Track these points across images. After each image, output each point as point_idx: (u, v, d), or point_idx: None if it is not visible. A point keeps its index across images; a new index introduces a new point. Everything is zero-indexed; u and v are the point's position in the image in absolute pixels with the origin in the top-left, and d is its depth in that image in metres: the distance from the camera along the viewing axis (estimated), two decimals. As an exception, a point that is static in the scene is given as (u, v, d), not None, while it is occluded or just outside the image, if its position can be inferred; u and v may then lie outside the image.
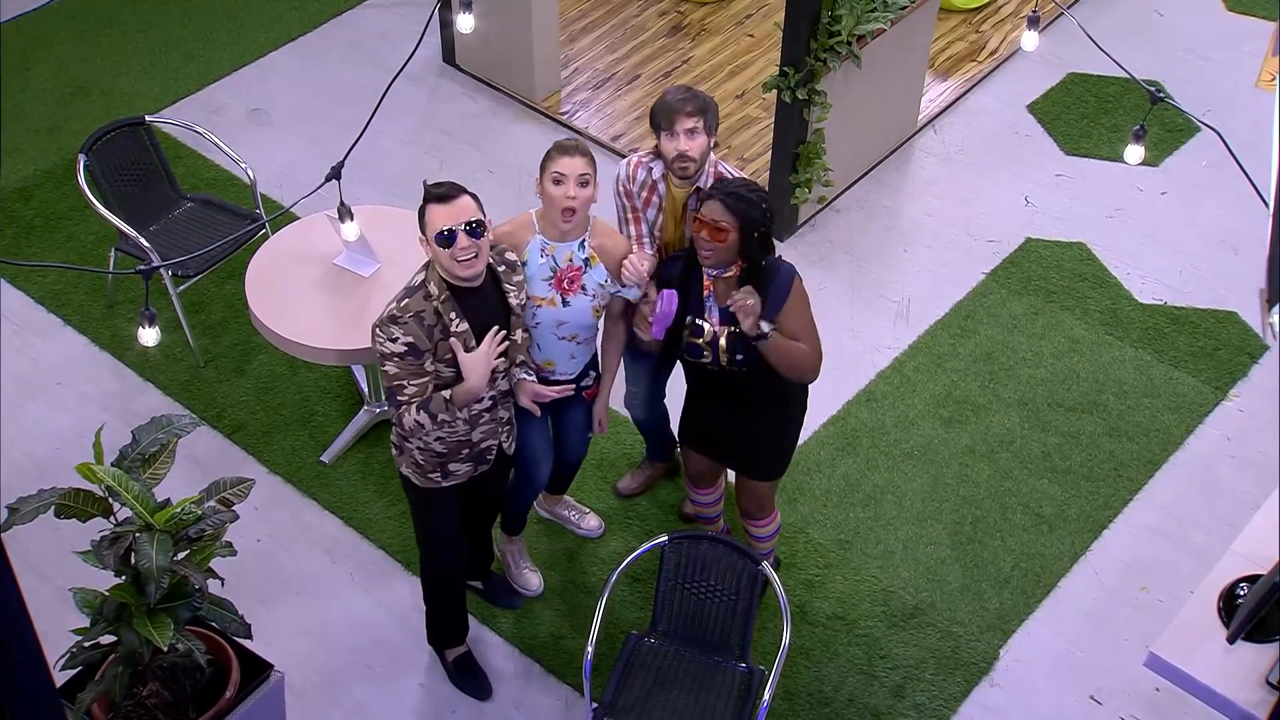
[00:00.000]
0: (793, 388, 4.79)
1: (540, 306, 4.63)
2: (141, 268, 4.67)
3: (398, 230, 5.52)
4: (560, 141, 4.57)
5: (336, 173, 4.79)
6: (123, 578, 4.14)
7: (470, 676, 5.19)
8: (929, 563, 5.62)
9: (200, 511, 4.14)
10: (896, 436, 6.05)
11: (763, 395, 4.78)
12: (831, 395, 6.12)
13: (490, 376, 4.36)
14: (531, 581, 5.44)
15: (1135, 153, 5.20)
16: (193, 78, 7.73)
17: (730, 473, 5.21)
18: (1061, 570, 5.62)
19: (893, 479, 5.90)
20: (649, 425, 5.59)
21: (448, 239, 4.19)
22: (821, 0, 6.21)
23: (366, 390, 6.00)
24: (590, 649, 4.67)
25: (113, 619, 4.16)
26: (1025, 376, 6.30)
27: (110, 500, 4.16)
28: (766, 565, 4.69)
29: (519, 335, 4.51)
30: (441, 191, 4.24)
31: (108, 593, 4.16)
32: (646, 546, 4.82)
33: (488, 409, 4.51)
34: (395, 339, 4.23)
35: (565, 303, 4.64)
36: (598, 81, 7.72)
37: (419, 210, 4.29)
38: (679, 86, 4.83)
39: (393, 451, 4.68)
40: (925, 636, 5.39)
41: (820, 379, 4.74)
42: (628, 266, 4.68)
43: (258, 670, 4.66)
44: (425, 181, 4.39)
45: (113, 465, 4.16)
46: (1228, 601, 4.37)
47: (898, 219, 7.05)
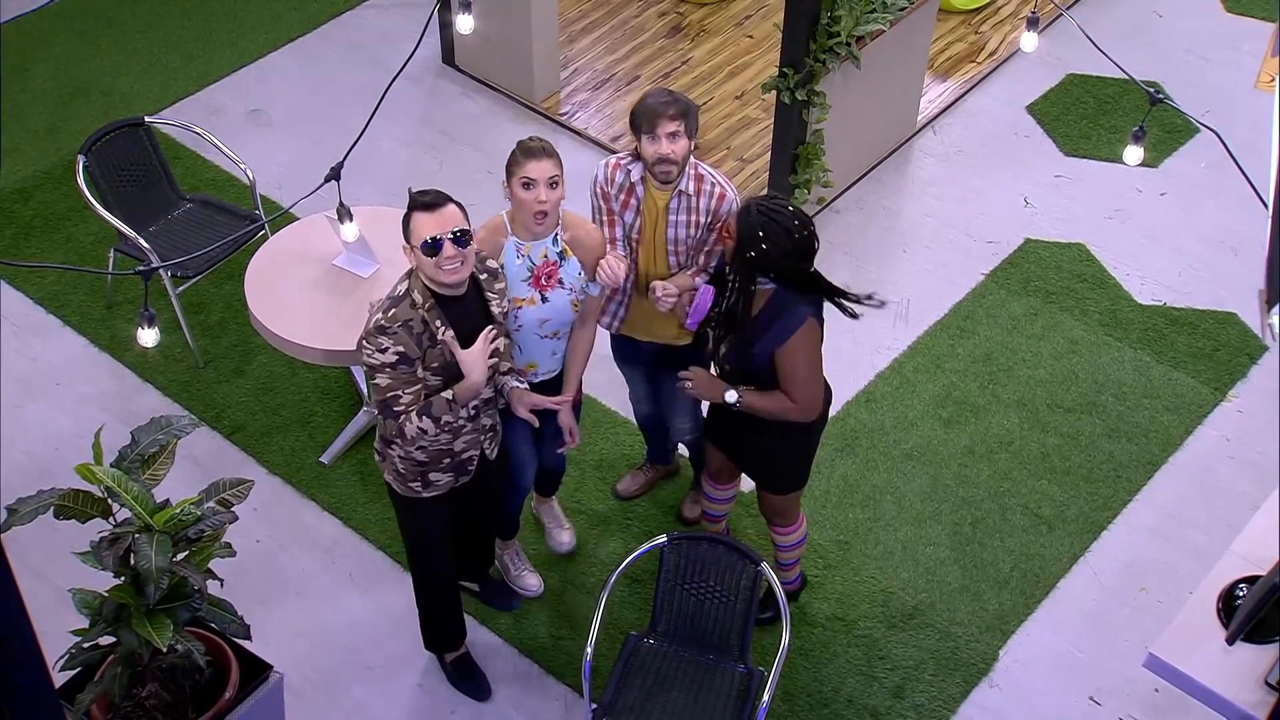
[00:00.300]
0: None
1: (521, 308, 4.62)
2: (141, 268, 4.66)
3: (397, 231, 5.40)
4: (526, 144, 4.52)
5: (336, 173, 4.79)
6: (122, 578, 4.14)
7: (469, 677, 5.19)
8: (928, 563, 5.62)
9: (199, 512, 4.14)
10: (896, 437, 6.05)
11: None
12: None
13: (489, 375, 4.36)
14: (530, 582, 5.43)
15: (1134, 154, 5.20)
16: (192, 78, 7.73)
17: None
18: (1061, 571, 5.62)
19: (892, 480, 5.90)
20: (650, 427, 5.58)
21: (433, 247, 4.15)
22: (821, 1, 6.21)
23: (366, 391, 6.00)
24: (589, 650, 4.67)
25: (112, 620, 4.16)
26: (1024, 377, 6.30)
27: (109, 501, 4.16)
28: (766, 566, 4.69)
29: (502, 343, 4.50)
30: (428, 200, 4.21)
31: (107, 593, 4.16)
32: (646, 547, 4.82)
33: (471, 417, 4.48)
34: (385, 349, 4.19)
35: (545, 299, 4.63)
36: (597, 82, 7.72)
37: (403, 218, 4.25)
38: (660, 89, 4.81)
39: (376, 458, 4.65)
40: (924, 637, 5.39)
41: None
42: (604, 269, 4.66)
43: (257, 671, 4.66)
44: (410, 189, 4.35)
45: (112, 466, 4.16)
46: (1227, 602, 4.37)
47: (897, 220, 7.05)
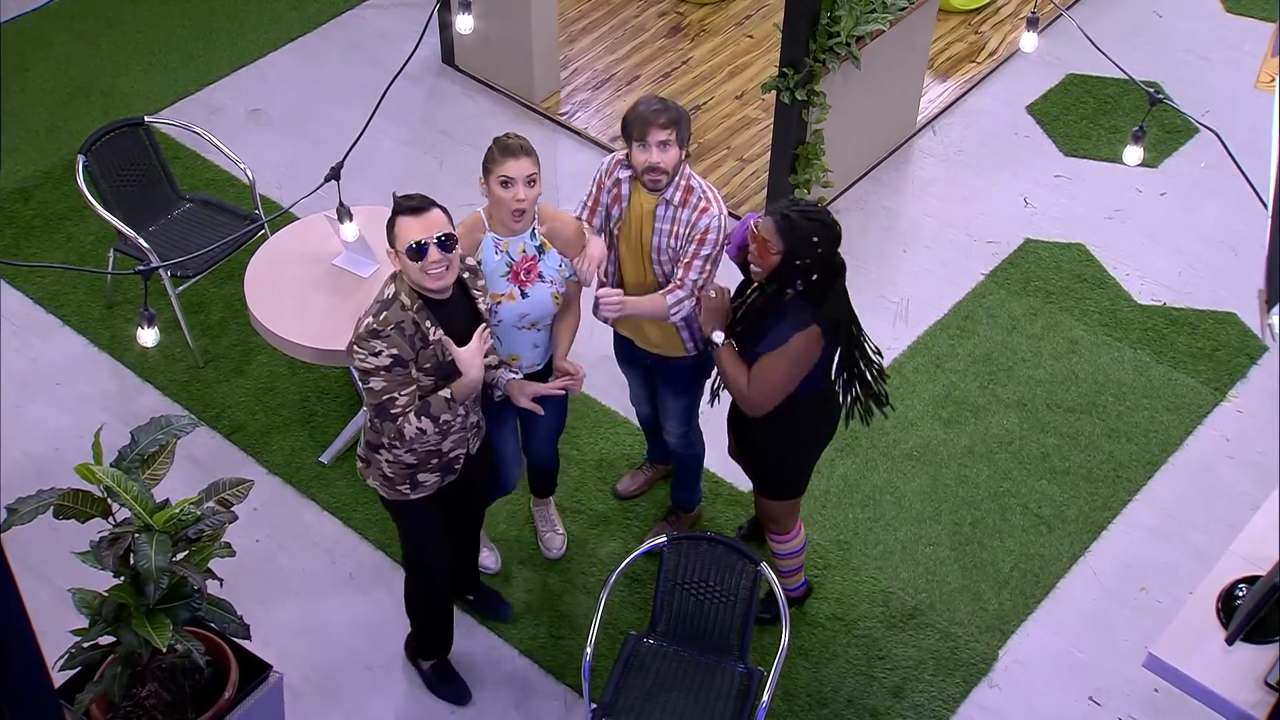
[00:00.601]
0: (793, 413, 4.69)
1: (500, 303, 4.62)
2: (140, 268, 4.66)
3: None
4: (503, 142, 4.50)
5: (335, 173, 4.78)
6: (122, 578, 4.14)
7: (449, 682, 5.16)
8: (928, 563, 5.62)
9: (199, 512, 4.14)
10: (895, 437, 6.05)
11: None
12: (831, 396, 6.12)
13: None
14: (490, 563, 5.50)
15: (1134, 154, 5.19)
16: (192, 78, 7.73)
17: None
18: (1060, 571, 5.62)
19: (892, 480, 5.90)
20: (650, 426, 5.58)
21: (419, 252, 4.15)
22: (821, 1, 6.21)
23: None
24: (589, 650, 4.67)
25: (112, 620, 4.15)
26: (1024, 377, 6.30)
27: (109, 501, 4.16)
28: (765, 566, 4.69)
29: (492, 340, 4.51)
30: (413, 204, 4.20)
31: (107, 593, 4.16)
32: (645, 547, 4.82)
33: (460, 415, 4.47)
34: (379, 352, 4.18)
35: (524, 294, 4.64)
36: (597, 82, 7.72)
37: (388, 222, 4.23)
38: (651, 96, 4.77)
39: (359, 465, 4.62)
40: (924, 637, 5.39)
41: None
42: (580, 264, 4.69)
43: (257, 671, 4.66)
44: (395, 194, 4.34)
45: (112, 466, 4.16)
46: (1226, 602, 4.37)
47: (897, 220, 7.05)
